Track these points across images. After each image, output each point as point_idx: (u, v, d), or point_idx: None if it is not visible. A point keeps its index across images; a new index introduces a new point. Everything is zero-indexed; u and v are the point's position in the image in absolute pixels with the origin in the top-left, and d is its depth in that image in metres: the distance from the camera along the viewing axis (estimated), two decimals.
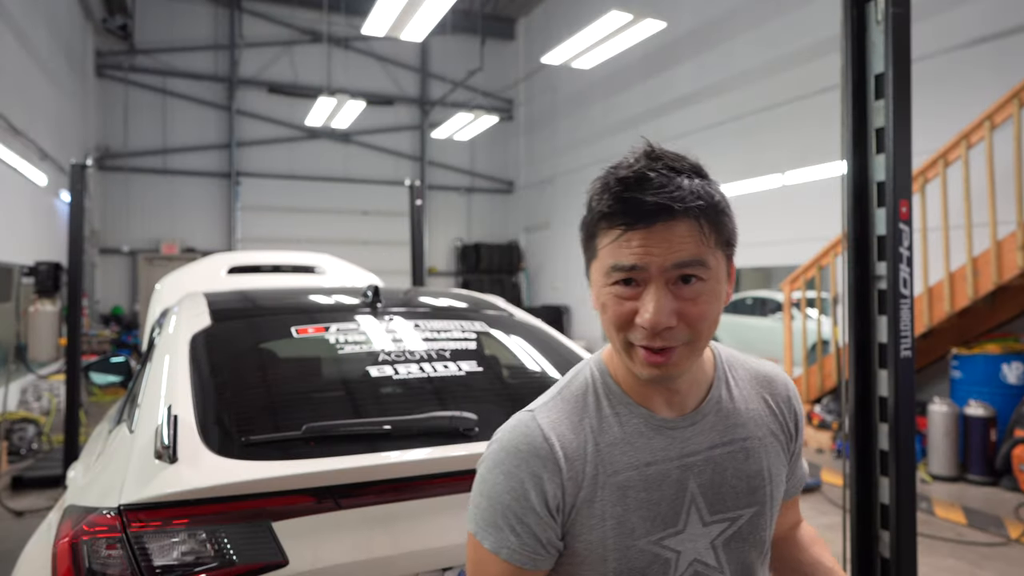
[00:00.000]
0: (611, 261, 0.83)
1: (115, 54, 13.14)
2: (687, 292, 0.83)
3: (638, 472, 0.88)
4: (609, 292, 0.85)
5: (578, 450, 0.88)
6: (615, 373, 0.94)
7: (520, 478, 0.86)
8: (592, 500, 0.87)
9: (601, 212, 0.84)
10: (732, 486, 0.93)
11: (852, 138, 2.27)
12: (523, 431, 0.89)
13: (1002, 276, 5.30)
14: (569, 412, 0.91)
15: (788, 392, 1.04)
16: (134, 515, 1.35)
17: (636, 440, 0.90)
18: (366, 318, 2.19)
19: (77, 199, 4.62)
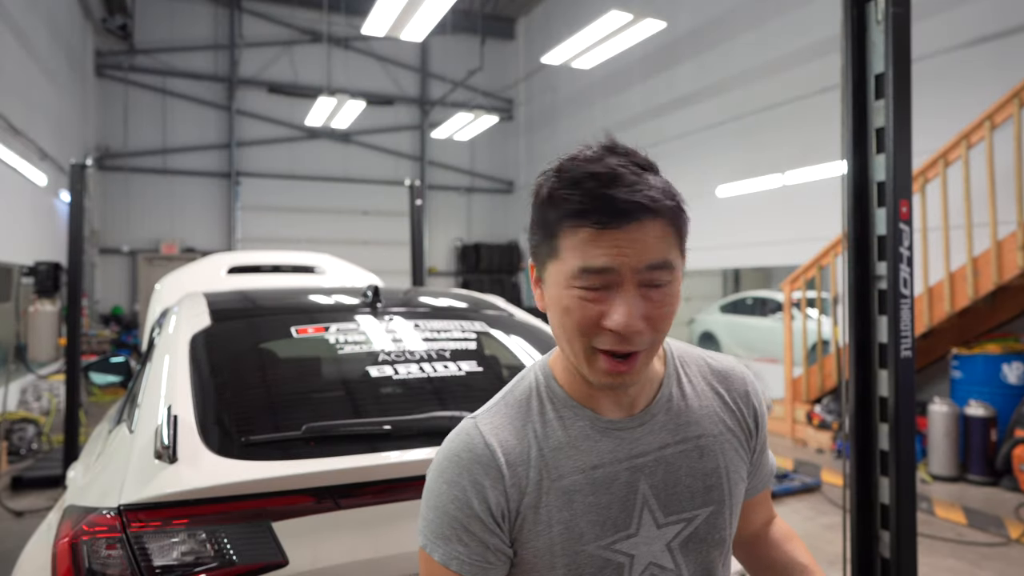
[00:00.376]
0: (579, 263, 0.78)
1: (115, 54, 13.14)
2: (655, 295, 0.80)
3: (584, 476, 0.86)
4: (574, 295, 0.80)
5: (521, 455, 0.86)
6: (559, 376, 0.91)
7: (462, 486, 0.84)
8: (537, 506, 0.85)
9: (570, 210, 0.79)
10: (686, 486, 0.90)
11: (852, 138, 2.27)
12: (464, 438, 0.87)
13: (1002, 276, 5.30)
14: (512, 417, 0.89)
15: (746, 387, 1.00)
16: (134, 515, 1.35)
17: (581, 443, 0.87)
18: (366, 318, 2.19)
19: (77, 199, 4.62)
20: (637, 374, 0.83)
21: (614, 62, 9.64)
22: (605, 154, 0.81)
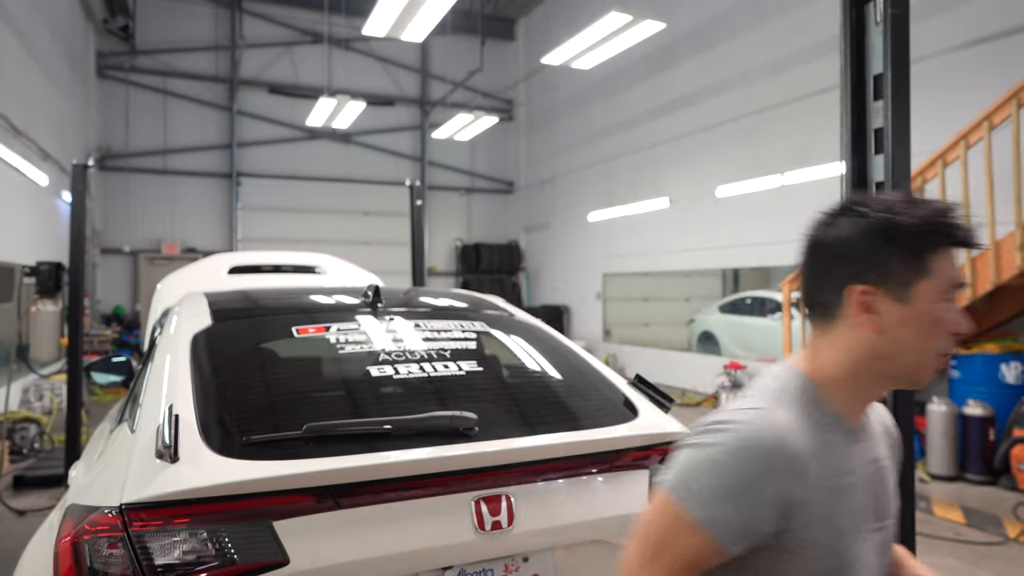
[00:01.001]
0: (953, 278, 0.96)
1: (116, 55, 13.15)
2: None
3: (849, 477, 0.99)
4: (946, 308, 0.96)
5: (805, 452, 0.94)
6: (831, 389, 1.01)
7: (758, 472, 0.90)
8: (810, 501, 0.93)
9: (947, 235, 0.95)
10: (887, 496, 1.06)
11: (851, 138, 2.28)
12: (762, 427, 0.93)
13: (1000, 276, 5.31)
14: (793, 415, 0.96)
15: (891, 419, 1.18)
16: (135, 514, 1.36)
17: (842, 448, 0.99)
18: (366, 318, 2.19)
19: (78, 199, 4.63)
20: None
21: (614, 62, 9.64)
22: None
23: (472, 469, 1.61)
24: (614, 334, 12.86)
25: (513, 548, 1.61)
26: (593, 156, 13.10)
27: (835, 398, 1.00)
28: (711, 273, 10.96)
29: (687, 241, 10.52)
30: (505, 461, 1.64)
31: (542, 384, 2.20)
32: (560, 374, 2.19)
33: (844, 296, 0.99)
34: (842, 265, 1.00)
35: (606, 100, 12.69)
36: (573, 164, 13.80)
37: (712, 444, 0.93)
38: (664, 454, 1.86)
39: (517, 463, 1.65)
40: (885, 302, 0.96)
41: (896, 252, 0.95)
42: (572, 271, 13.95)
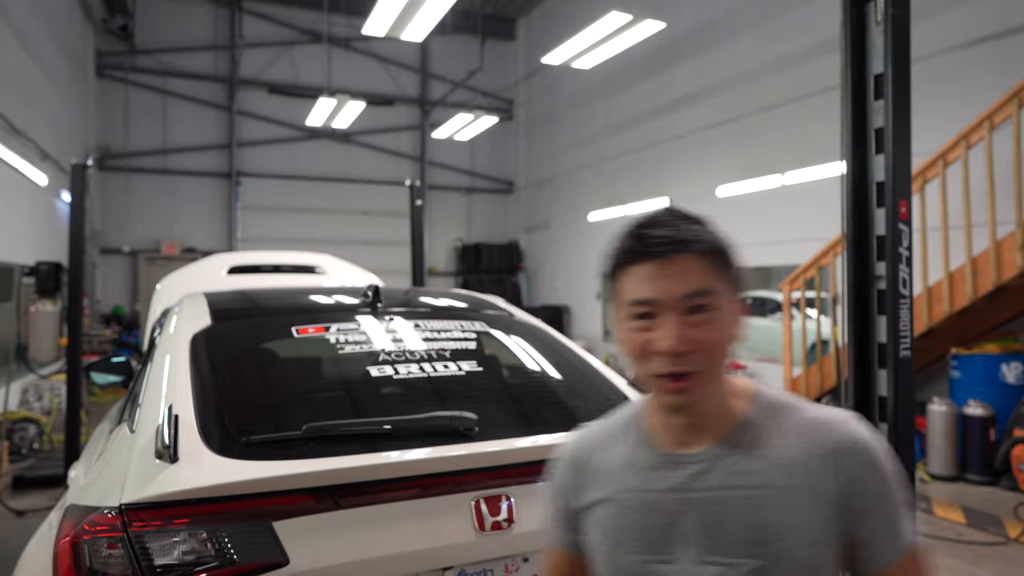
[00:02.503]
0: (629, 296, 0.93)
1: (115, 54, 13.14)
2: (698, 319, 0.90)
3: (636, 495, 0.97)
4: (630, 328, 0.94)
5: (593, 462, 1.04)
6: (648, 415, 1.02)
7: (553, 481, 1.10)
8: (594, 508, 1.01)
9: (619, 253, 0.95)
10: (734, 531, 0.90)
11: (852, 138, 2.28)
12: (568, 444, 1.11)
13: (1001, 276, 5.31)
14: (602, 434, 1.07)
15: (843, 442, 0.91)
16: (135, 514, 1.36)
17: (643, 467, 0.99)
18: (366, 318, 2.19)
19: (78, 199, 4.62)
20: (695, 392, 0.90)
21: (614, 62, 9.64)
22: (655, 213, 0.97)
23: (472, 469, 1.60)
24: (614, 335, 12.85)
25: (513, 548, 1.61)
26: (593, 156, 13.09)
27: (649, 420, 1.01)
28: None
29: None
30: (505, 461, 1.64)
31: (542, 384, 2.20)
32: (560, 374, 2.18)
33: None
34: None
35: (606, 100, 12.69)
36: (573, 164, 13.80)
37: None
38: None
39: (517, 463, 1.65)
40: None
41: (606, 274, 0.99)
42: (572, 271, 13.95)
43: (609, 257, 0.97)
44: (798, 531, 0.88)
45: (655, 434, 0.99)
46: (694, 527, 0.92)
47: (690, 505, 0.93)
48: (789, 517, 0.89)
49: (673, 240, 0.91)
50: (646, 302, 0.91)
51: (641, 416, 1.03)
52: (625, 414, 1.07)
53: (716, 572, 0.90)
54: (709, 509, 0.92)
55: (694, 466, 0.94)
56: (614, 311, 1.00)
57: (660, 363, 0.89)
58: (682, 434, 0.96)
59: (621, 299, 0.96)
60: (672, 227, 0.92)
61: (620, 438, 1.04)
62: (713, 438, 0.95)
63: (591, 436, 1.08)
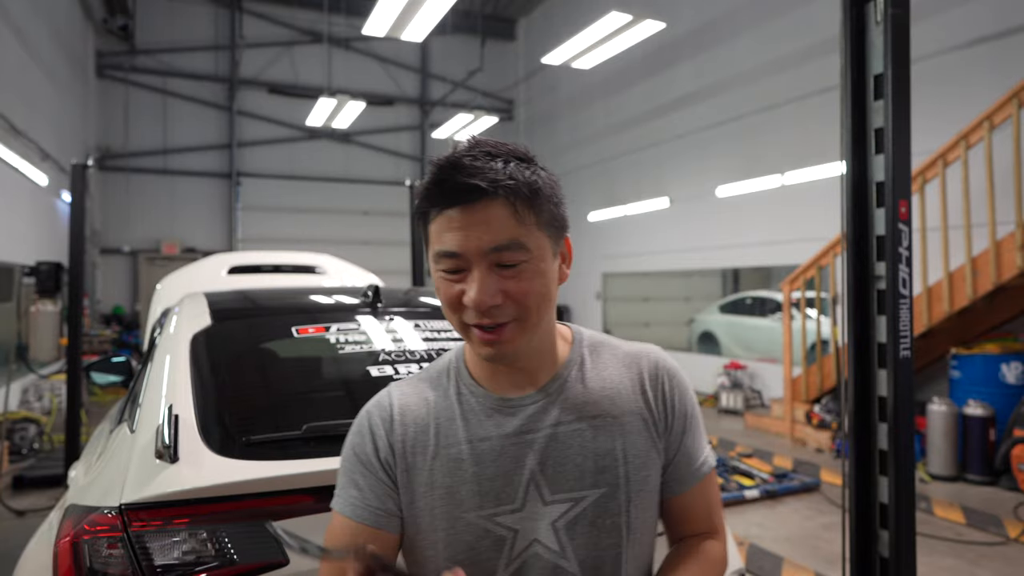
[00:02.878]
0: (436, 247, 0.87)
1: (116, 54, 13.14)
2: (509, 272, 0.85)
3: (471, 446, 0.91)
4: (439, 277, 0.88)
5: (418, 418, 0.94)
6: (468, 356, 0.98)
7: (362, 433, 0.95)
8: (424, 468, 0.91)
9: (420, 200, 0.89)
10: (576, 464, 0.90)
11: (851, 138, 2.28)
12: (376, 398, 0.99)
13: (1001, 276, 5.31)
14: (420, 387, 0.98)
15: (656, 368, 0.98)
16: (135, 514, 1.36)
17: (472, 417, 0.93)
18: (366, 318, 2.19)
19: (78, 199, 4.62)
20: (509, 344, 0.86)
21: (614, 62, 9.64)
22: (462, 148, 0.88)
23: None
24: (614, 334, 12.80)
25: None
26: (593, 156, 13.09)
27: (473, 368, 0.96)
28: (711, 273, 10.96)
29: (687, 241, 10.52)
30: None
31: None
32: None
33: None
34: None
35: (606, 100, 12.69)
36: (573, 164, 13.80)
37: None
38: None
39: None
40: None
41: (413, 216, 0.98)
42: (572, 271, 13.83)
43: (417, 197, 0.91)
44: (632, 454, 0.92)
45: (482, 381, 0.95)
46: (535, 469, 0.89)
47: (530, 447, 0.90)
48: (623, 442, 0.92)
49: (479, 187, 0.83)
50: (452, 255, 0.85)
51: (462, 365, 0.98)
52: (441, 364, 1.01)
53: (563, 509, 0.89)
54: (549, 448, 0.90)
55: (529, 408, 0.92)
56: (429, 258, 0.93)
57: (470, 314, 0.85)
58: (511, 378, 0.93)
59: (431, 246, 0.89)
60: (479, 169, 0.83)
61: (442, 389, 0.97)
62: (540, 379, 0.94)
63: (407, 389, 0.98)
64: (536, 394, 0.93)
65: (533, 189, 0.86)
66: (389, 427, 0.94)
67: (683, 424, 0.97)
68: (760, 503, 5.00)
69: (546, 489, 0.90)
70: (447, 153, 0.87)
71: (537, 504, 0.89)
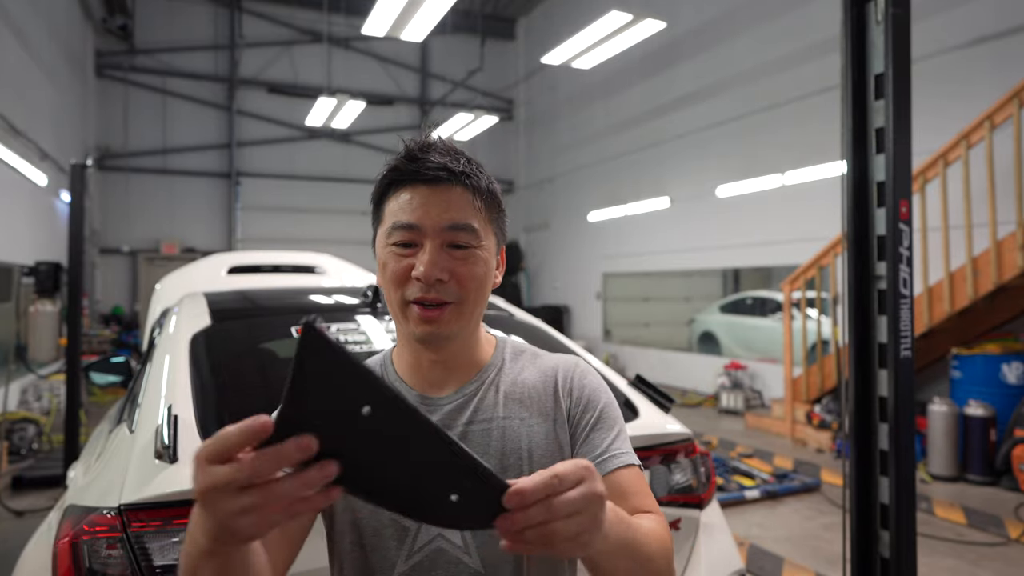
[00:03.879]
0: (393, 220, 0.91)
1: (115, 54, 13.14)
2: (459, 253, 0.90)
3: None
4: (390, 251, 0.92)
5: None
6: (395, 356, 1.03)
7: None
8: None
9: (389, 177, 0.93)
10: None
11: (852, 138, 2.27)
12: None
13: (1002, 276, 5.31)
14: None
15: (572, 372, 1.01)
16: (134, 515, 1.35)
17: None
18: (366, 318, 2.19)
19: (77, 199, 4.62)
20: (446, 325, 0.90)
21: (614, 62, 9.64)
22: (433, 139, 0.95)
23: None
24: (614, 334, 12.86)
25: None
26: (593, 156, 13.09)
27: (399, 364, 1.01)
28: (711, 273, 10.95)
29: (687, 241, 10.51)
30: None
31: None
32: None
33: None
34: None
35: (606, 99, 12.69)
36: (573, 164, 13.80)
37: None
38: (665, 454, 1.85)
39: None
40: (374, 250, 0.98)
41: (373, 195, 0.98)
42: (572, 271, 13.95)
43: (379, 179, 0.96)
44: (538, 454, 0.94)
45: (406, 379, 0.99)
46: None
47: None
48: (529, 443, 0.94)
49: (448, 169, 0.91)
50: (409, 226, 0.90)
51: (388, 362, 1.02)
52: (373, 361, 1.05)
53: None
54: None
55: (446, 407, 0.95)
56: (376, 233, 0.98)
57: (415, 288, 0.89)
58: (432, 376, 0.97)
59: (384, 222, 0.94)
60: (449, 157, 0.92)
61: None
62: (461, 380, 0.98)
63: None
64: (454, 394, 0.97)
65: (491, 191, 0.96)
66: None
67: (590, 420, 0.97)
68: (760, 503, 5.00)
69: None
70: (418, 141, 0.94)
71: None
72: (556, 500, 0.62)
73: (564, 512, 0.62)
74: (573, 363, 1.03)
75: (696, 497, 1.92)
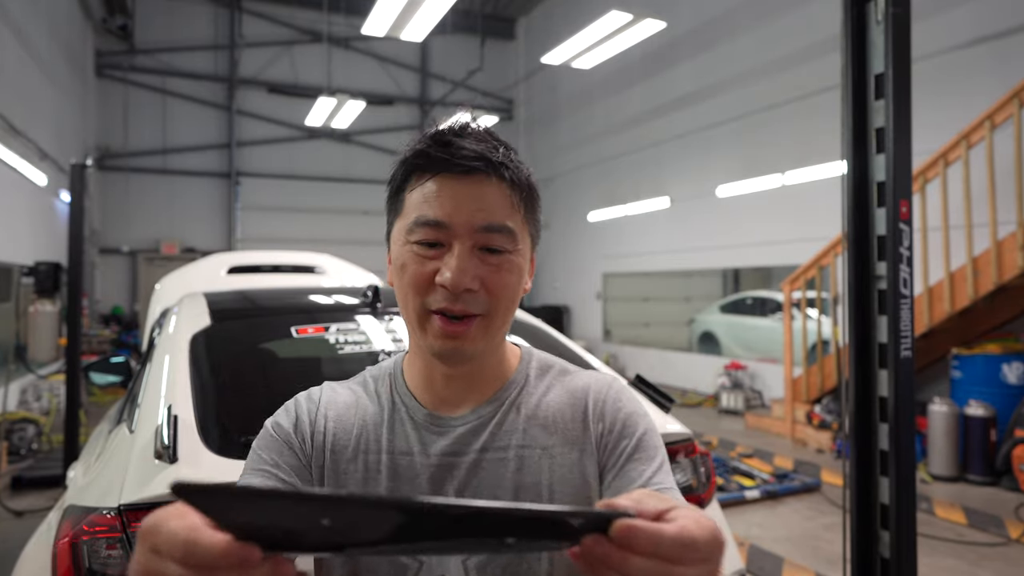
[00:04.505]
0: (416, 215, 0.78)
1: (115, 54, 13.13)
2: (492, 259, 0.78)
3: (390, 458, 0.82)
4: (410, 250, 0.79)
5: (342, 416, 0.86)
6: (406, 363, 0.91)
7: (288, 410, 0.86)
8: (339, 471, 0.82)
9: (414, 162, 0.80)
10: (495, 494, 0.80)
11: (852, 138, 2.27)
12: (307, 391, 0.90)
13: (1002, 276, 5.30)
14: (354, 388, 0.90)
15: (606, 393, 0.87)
16: (134, 515, 1.35)
17: (399, 428, 0.84)
18: (366, 318, 2.18)
19: (77, 199, 4.62)
20: (471, 342, 0.79)
21: (614, 62, 9.64)
22: (466, 121, 0.83)
23: None
24: (614, 334, 12.85)
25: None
26: (593, 156, 13.09)
27: (410, 376, 0.88)
28: (712, 273, 10.95)
29: (687, 241, 10.51)
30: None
31: None
32: None
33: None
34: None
35: (606, 99, 12.68)
36: (573, 164, 13.80)
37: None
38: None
39: None
40: (388, 247, 0.86)
41: (391, 180, 0.85)
42: (572, 271, 13.94)
43: (400, 163, 0.82)
44: (560, 491, 0.81)
45: (416, 393, 0.86)
46: (450, 495, 0.80)
47: (451, 472, 0.81)
48: (551, 477, 0.81)
49: (486, 158, 0.77)
50: (436, 224, 0.76)
51: (399, 372, 0.90)
52: (380, 369, 0.93)
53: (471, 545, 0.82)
54: (470, 476, 0.80)
55: (458, 428, 0.83)
56: (391, 227, 0.86)
57: (438, 297, 0.76)
58: (447, 392, 0.85)
59: (405, 216, 0.80)
60: (486, 144, 0.78)
61: (375, 394, 0.88)
62: (478, 399, 0.85)
63: (339, 388, 0.91)
64: (469, 415, 0.84)
65: (531, 185, 0.83)
66: (314, 416, 0.85)
67: (626, 449, 0.82)
68: (761, 503, 5.00)
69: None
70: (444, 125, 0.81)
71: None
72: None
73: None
74: (607, 383, 0.88)
75: (696, 497, 1.92)
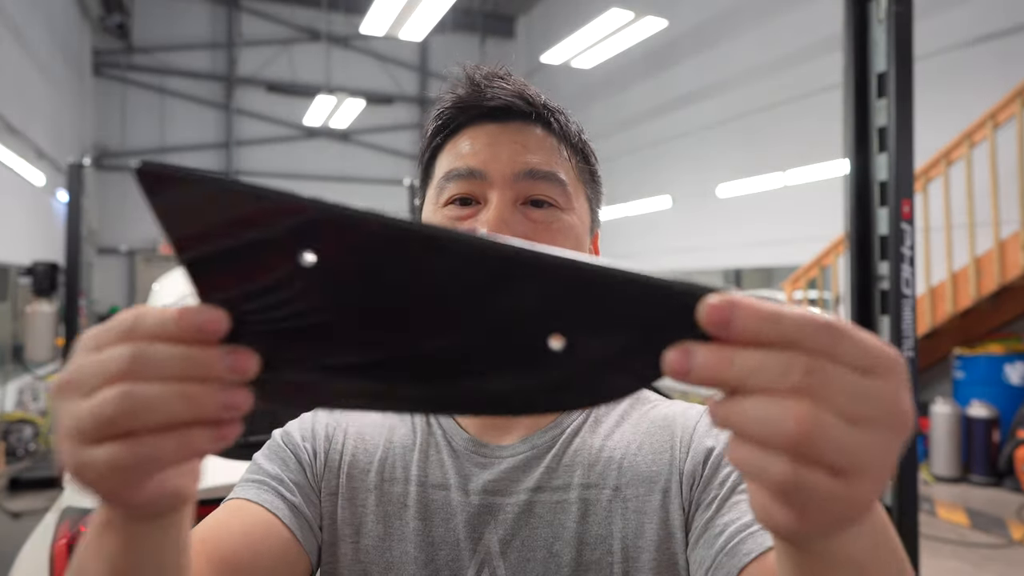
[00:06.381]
0: (447, 168, 0.66)
1: (113, 53, 13.12)
2: (538, 214, 0.64)
3: (420, 491, 0.67)
4: (441, 216, 0.65)
5: (365, 435, 0.72)
6: None
7: (303, 421, 0.74)
8: (355, 501, 0.69)
9: (443, 117, 0.68)
10: (552, 553, 0.63)
11: (854, 137, 2.26)
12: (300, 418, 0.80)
13: (1005, 276, 5.29)
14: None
15: (694, 424, 0.67)
16: None
17: (432, 454, 0.69)
18: None
19: (74, 198, 4.61)
20: None
21: (614, 61, 9.63)
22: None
23: None
24: None
25: None
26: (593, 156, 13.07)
27: None
28: (713, 273, 10.94)
29: (689, 240, 10.51)
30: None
31: None
32: None
33: None
34: None
35: (607, 99, 12.68)
36: None
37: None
38: None
39: None
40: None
41: (421, 153, 0.72)
42: None
43: (430, 128, 0.70)
44: (635, 546, 0.63)
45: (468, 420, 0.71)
46: (494, 549, 0.64)
47: (495, 515, 0.65)
48: (624, 528, 0.64)
49: (525, 98, 0.66)
50: (469, 173, 0.63)
51: None
52: None
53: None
54: (519, 522, 0.65)
55: (507, 460, 0.67)
56: (423, 200, 0.71)
57: None
58: (497, 419, 0.69)
59: (435, 177, 0.68)
60: (524, 86, 0.68)
61: (407, 417, 0.73)
62: (532, 425, 0.69)
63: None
64: (521, 444, 0.68)
65: (584, 143, 0.69)
66: (332, 429, 0.72)
67: (727, 479, 0.61)
68: None
69: (504, 574, 0.63)
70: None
71: (476, 565, 0.64)
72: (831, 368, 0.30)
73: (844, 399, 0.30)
74: (697, 412, 0.69)
75: None
